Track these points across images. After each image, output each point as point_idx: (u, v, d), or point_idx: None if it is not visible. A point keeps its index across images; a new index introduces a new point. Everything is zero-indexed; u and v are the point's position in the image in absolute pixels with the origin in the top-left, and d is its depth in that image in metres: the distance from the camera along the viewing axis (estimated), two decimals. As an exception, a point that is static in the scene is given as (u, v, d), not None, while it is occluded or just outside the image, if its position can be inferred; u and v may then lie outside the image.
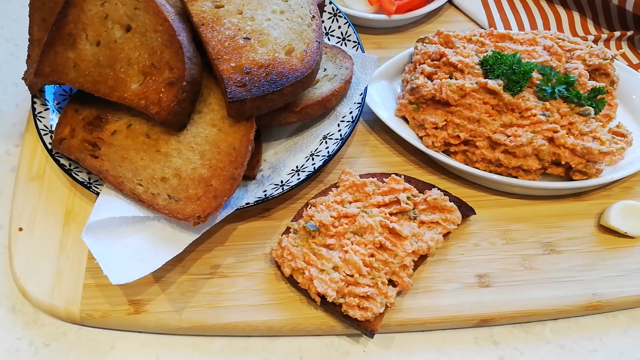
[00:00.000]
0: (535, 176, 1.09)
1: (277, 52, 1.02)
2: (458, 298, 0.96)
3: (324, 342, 0.95)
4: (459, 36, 1.22)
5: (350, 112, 1.14)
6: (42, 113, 1.11)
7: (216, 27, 1.04)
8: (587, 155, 1.04)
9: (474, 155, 1.10)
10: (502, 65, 1.09)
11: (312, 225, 0.97)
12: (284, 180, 1.05)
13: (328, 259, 0.93)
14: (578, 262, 1.02)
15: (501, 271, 1.01)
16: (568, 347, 0.95)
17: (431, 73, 1.16)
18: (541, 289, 0.98)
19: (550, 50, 1.18)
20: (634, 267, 1.02)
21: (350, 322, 0.90)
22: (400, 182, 1.04)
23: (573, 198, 1.13)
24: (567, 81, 1.09)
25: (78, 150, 1.02)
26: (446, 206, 1.01)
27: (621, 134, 1.14)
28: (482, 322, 0.96)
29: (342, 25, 1.29)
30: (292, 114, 1.08)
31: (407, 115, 1.17)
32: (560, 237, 1.06)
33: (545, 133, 1.06)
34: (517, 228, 1.07)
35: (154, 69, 0.99)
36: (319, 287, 0.89)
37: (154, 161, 0.99)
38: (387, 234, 0.96)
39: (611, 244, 1.05)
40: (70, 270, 0.98)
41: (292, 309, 0.95)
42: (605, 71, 1.16)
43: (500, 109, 1.09)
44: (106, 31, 1.03)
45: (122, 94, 0.99)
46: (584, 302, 0.97)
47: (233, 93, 0.96)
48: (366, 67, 1.21)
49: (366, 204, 1.01)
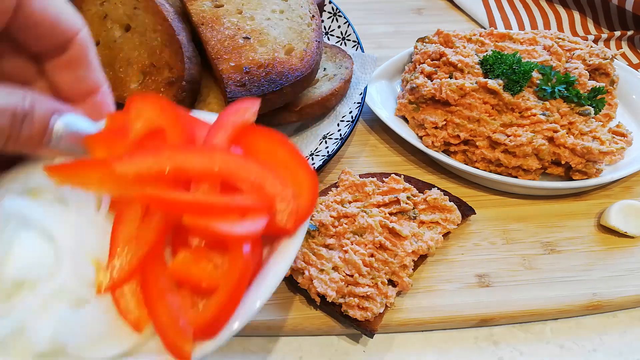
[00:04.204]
0: (535, 176, 1.09)
1: (277, 51, 1.02)
2: (458, 298, 0.96)
3: (324, 342, 0.95)
4: (458, 36, 1.22)
5: (350, 112, 1.14)
6: (41, 113, 1.10)
7: (216, 26, 1.04)
8: (587, 155, 1.04)
9: (474, 155, 1.10)
10: (502, 64, 1.09)
11: (312, 225, 0.97)
12: (283, 180, 1.05)
13: (328, 259, 0.92)
14: (578, 262, 1.02)
15: (501, 271, 1.00)
16: (568, 347, 0.95)
17: (431, 73, 1.15)
18: (541, 288, 0.98)
19: (550, 50, 1.17)
20: (634, 267, 1.02)
21: (350, 322, 0.90)
22: (400, 182, 1.04)
23: (573, 198, 1.13)
24: (567, 81, 1.09)
25: (77, 150, 1.02)
26: (446, 206, 1.01)
27: (621, 133, 1.14)
28: (482, 322, 0.96)
29: (342, 24, 1.29)
30: (292, 114, 1.08)
31: (407, 115, 1.17)
32: (560, 237, 1.06)
33: (545, 133, 1.05)
34: (517, 228, 1.07)
35: (153, 69, 0.99)
36: (318, 287, 0.89)
37: (153, 161, 0.99)
38: (387, 233, 0.96)
39: (611, 244, 1.05)
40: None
41: (292, 309, 0.95)
42: (605, 71, 1.16)
43: (500, 108, 1.09)
44: (105, 31, 1.03)
45: (122, 94, 0.99)
46: (584, 302, 0.97)
47: (232, 93, 0.96)
48: (366, 66, 1.21)
49: (366, 203, 1.01)
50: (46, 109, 0.57)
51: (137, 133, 0.58)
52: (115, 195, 0.56)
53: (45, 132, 0.57)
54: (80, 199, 0.57)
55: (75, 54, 0.63)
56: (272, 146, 0.59)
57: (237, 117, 0.59)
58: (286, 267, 0.56)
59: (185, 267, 0.54)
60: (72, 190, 0.57)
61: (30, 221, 0.56)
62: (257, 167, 0.55)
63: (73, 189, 0.57)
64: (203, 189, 0.54)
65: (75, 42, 0.63)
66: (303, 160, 0.59)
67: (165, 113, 0.58)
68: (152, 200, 0.53)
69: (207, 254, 0.55)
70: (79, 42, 0.63)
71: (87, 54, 0.64)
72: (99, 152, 0.59)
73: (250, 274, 0.54)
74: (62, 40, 0.62)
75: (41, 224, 0.56)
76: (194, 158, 0.54)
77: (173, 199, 0.53)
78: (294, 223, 0.56)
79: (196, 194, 0.54)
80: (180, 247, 0.56)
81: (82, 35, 0.63)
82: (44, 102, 0.57)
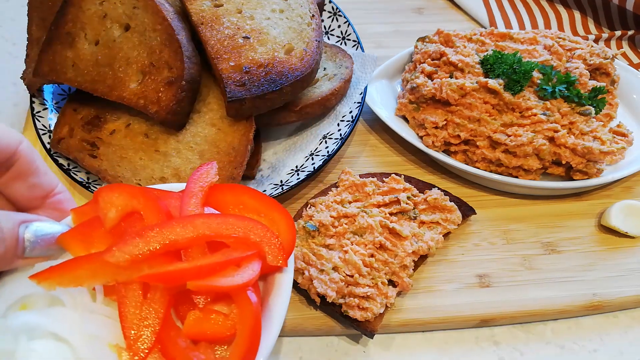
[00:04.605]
0: (536, 176, 1.09)
1: (277, 51, 1.02)
2: (458, 298, 0.96)
3: (324, 342, 0.94)
4: (459, 35, 1.21)
5: (350, 112, 1.14)
6: (40, 112, 1.10)
7: (215, 26, 1.03)
8: (587, 155, 1.04)
9: (474, 154, 1.10)
10: (503, 64, 1.09)
11: (312, 225, 0.96)
12: (283, 180, 1.05)
13: (328, 259, 0.92)
14: (578, 262, 1.02)
15: (501, 271, 1.00)
16: (568, 347, 0.95)
17: (431, 72, 1.15)
18: (541, 289, 0.98)
19: (550, 50, 1.17)
20: (634, 267, 1.02)
21: (350, 323, 0.90)
22: (400, 182, 1.04)
23: (573, 198, 1.13)
24: (567, 81, 1.09)
25: (77, 150, 1.02)
26: (446, 206, 1.01)
27: (622, 133, 1.14)
28: (483, 322, 0.95)
29: (342, 24, 1.29)
30: (292, 114, 1.08)
31: (407, 114, 1.17)
32: (560, 237, 1.06)
33: (545, 133, 1.05)
34: (518, 228, 1.07)
35: (152, 68, 0.98)
36: (318, 287, 0.89)
37: (152, 161, 0.99)
38: (387, 234, 0.96)
39: (612, 244, 1.05)
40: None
41: (292, 309, 0.94)
42: (605, 70, 1.16)
43: (501, 108, 1.09)
44: (105, 30, 1.02)
45: (121, 93, 0.99)
46: (584, 302, 0.96)
47: (232, 92, 0.96)
48: (366, 66, 1.20)
49: (366, 203, 1.00)
50: (13, 223, 0.59)
51: (112, 221, 0.62)
52: (111, 283, 0.58)
53: (17, 246, 0.59)
54: (73, 295, 0.59)
55: (22, 166, 0.66)
56: (240, 198, 0.65)
57: (203, 181, 0.65)
58: (287, 296, 0.62)
59: (198, 325, 0.58)
60: (62, 290, 0.59)
61: (38, 330, 0.58)
62: (237, 221, 0.60)
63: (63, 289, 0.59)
64: (194, 254, 0.59)
65: (18, 154, 0.65)
66: (272, 202, 0.64)
67: (136, 197, 0.62)
68: (153, 279, 0.57)
69: (214, 308, 0.59)
70: (22, 154, 0.65)
71: (33, 162, 0.67)
72: (75, 247, 0.62)
73: (260, 314, 0.59)
74: (5, 157, 0.64)
75: (50, 330, 0.58)
76: (179, 230, 0.58)
77: (173, 271, 0.57)
78: (283, 259, 0.61)
79: (192, 260, 0.59)
80: (184, 307, 0.59)
81: (23, 147, 0.65)
82: (9, 217, 0.59)
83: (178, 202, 0.63)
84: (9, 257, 0.59)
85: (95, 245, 0.61)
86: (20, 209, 0.68)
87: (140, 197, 0.62)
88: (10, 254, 0.59)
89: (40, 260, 0.62)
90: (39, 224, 0.62)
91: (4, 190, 0.67)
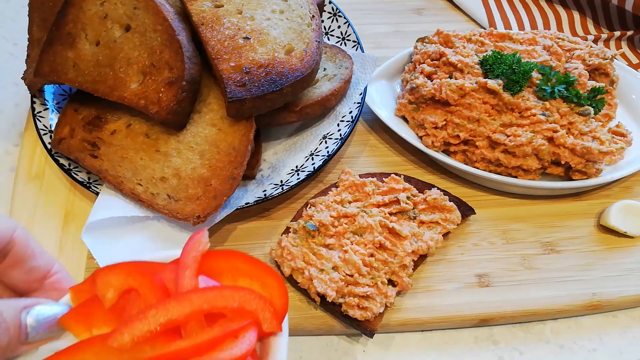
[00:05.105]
0: (535, 176, 1.09)
1: (277, 51, 1.02)
2: (458, 298, 0.96)
3: (324, 342, 0.95)
4: (458, 36, 1.22)
5: (349, 112, 1.14)
6: (41, 113, 1.10)
7: (216, 26, 1.04)
8: (586, 155, 1.04)
9: (474, 155, 1.10)
10: (502, 64, 1.09)
11: (312, 225, 0.97)
12: (283, 180, 1.05)
13: (328, 259, 0.92)
14: (578, 262, 1.02)
15: (501, 271, 1.00)
16: (568, 346, 0.95)
17: (431, 73, 1.15)
18: (541, 288, 0.98)
19: (550, 50, 1.18)
20: (634, 266, 1.02)
21: (350, 322, 0.90)
22: (400, 182, 1.04)
23: (573, 198, 1.13)
24: (566, 81, 1.09)
25: (77, 150, 1.02)
26: (446, 206, 1.01)
27: (621, 133, 1.14)
28: (482, 322, 0.96)
29: (342, 24, 1.29)
30: (292, 114, 1.08)
31: (407, 115, 1.17)
32: (560, 237, 1.06)
33: (545, 133, 1.05)
34: (517, 228, 1.07)
35: (153, 69, 0.99)
36: (318, 287, 0.89)
37: (153, 161, 0.99)
38: (386, 233, 0.96)
39: (611, 244, 1.05)
40: (69, 270, 0.96)
41: (292, 308, 0.95)
42: (605, 71, 1.16)
43: (500, 108, 1.09)
44: (105, 31, 1.03)
45: (122, 94, 0.99)
46: (583, 302, 0.97)
47: (233, 93, 0.96)
48: (366, 66, 1.21)
49: (366, 203, 1.01)
50: (14, 311, 0.59)
51: (111, 302, 0.63)
52: None
53: (21, 333, 0.59)
54: None
55: (18, 252, 0.65)
56: (232, 262, 0.67)
57: (196, 251, 0.66)
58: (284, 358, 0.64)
59: None
60: None
61: None
62: (232, 292, 0.62)
63: None
64: (193, 328, 0.61)
65: (14, 242, 0.65)
66: (264, 266, 0.66)
67: (132, 275, 0.64)
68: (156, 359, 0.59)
69: None
70: (17, 241, 0.65)
71: (28, 247, 0.66)
72: (77, 328, 0.63)
73: None
74: (0, 247, 0.64)
75: None
76: (176, 307, 0.60)
77: (175, 351, 0.59)
78: (278, 324, 0.64)
79: (191, 336, 0.61)
80: None
81: (18, 234, 0.65)
82: (10, 305, 0.59)
83: (173, 274, 0.65)
84: (13, 345, 0.59)
85: (96, 324, 0.63)
86: (19, 293, 0.68)
87: (136, 275, 0.63)
88: (14, 342, 0.59)
89: (42, 343, 0.63)
90: (39, 307, 0.62)
91: (2, 278, 0.67)
